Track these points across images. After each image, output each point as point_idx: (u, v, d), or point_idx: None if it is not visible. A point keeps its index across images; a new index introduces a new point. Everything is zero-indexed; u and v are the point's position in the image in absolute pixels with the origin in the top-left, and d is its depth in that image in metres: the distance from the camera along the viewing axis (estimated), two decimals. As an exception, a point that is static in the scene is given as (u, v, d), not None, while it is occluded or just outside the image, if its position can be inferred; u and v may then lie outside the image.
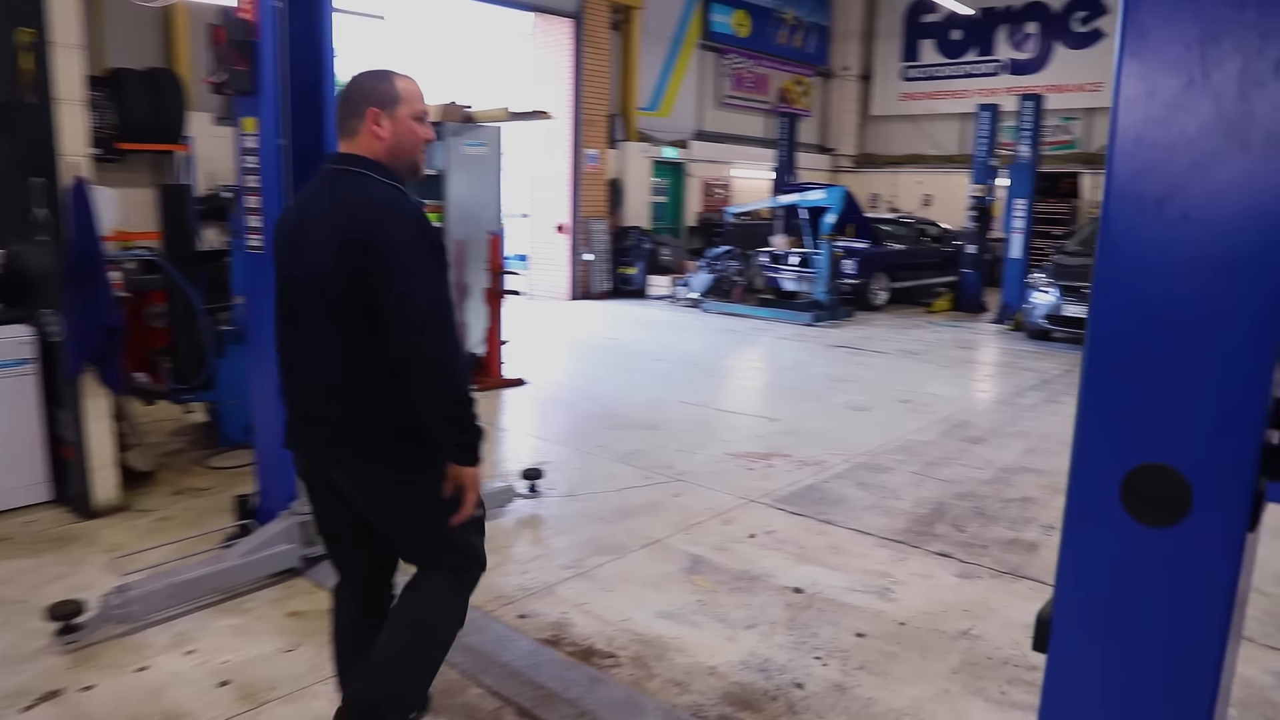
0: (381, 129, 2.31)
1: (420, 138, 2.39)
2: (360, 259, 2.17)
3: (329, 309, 2.26)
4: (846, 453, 6.30)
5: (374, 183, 2.28)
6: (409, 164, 2.39)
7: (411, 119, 2.36)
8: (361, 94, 2.33)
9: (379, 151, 2.32)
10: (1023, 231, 13.38)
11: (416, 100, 2.38)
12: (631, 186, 16.08)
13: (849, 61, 21.43)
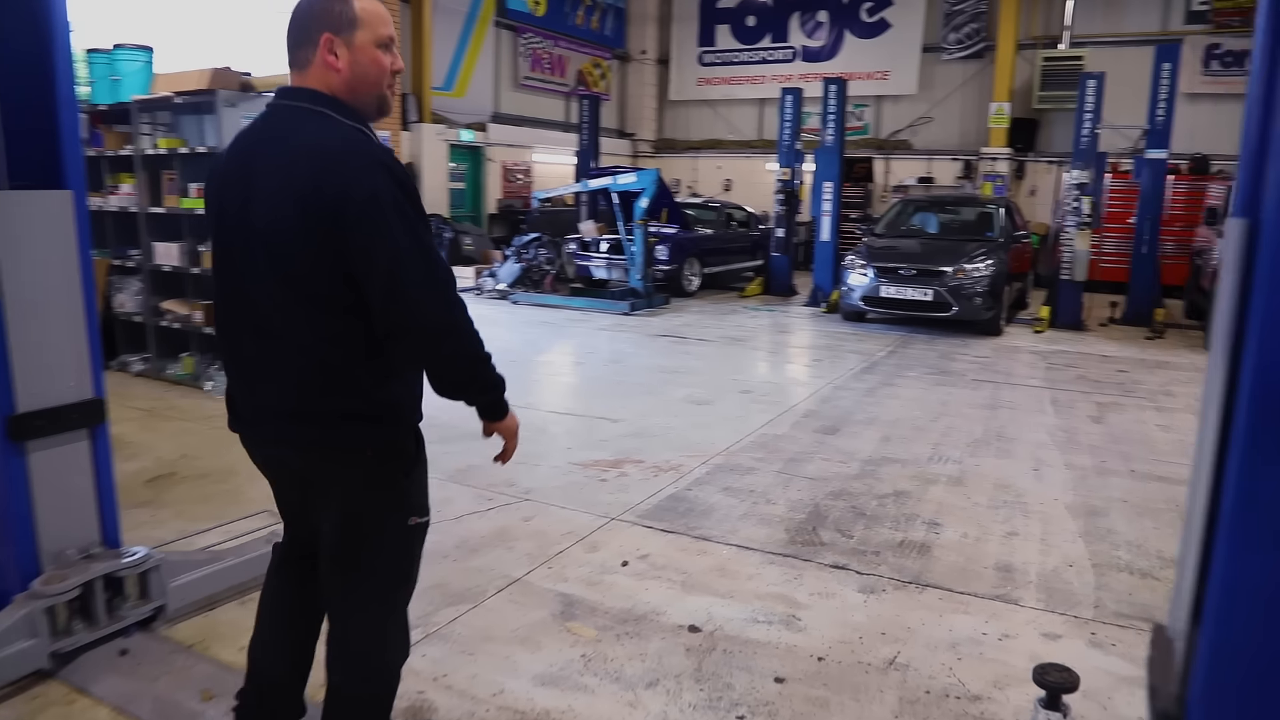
0: (337, 59, 1.97)
1: (385, 68, 2.03)
2: (330, 223, 1.85)
3: (289, 281, 1.93)
4: (701, 453, 5.77)
5: (335, 125, 1.94)
6: (374, 100, 2.04)
7: (375, 46, 2.00)
8: (311, 17, 1.98)
9: (336, 85, 1.98)
10: (831, 215, 13.46)
11: (380, 23, 2.01)
12: (428, 171, 15.02)
13: (646, 45, 21.15)
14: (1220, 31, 16.69)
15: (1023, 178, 18.15)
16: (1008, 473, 5.61)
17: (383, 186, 1.86)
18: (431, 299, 1.91)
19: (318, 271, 1.90)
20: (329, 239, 1.87)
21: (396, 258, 1.86)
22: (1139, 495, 5.26)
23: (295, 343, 1.97)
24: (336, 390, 1.98)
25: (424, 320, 1.91)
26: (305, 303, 1.94)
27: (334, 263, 1.89)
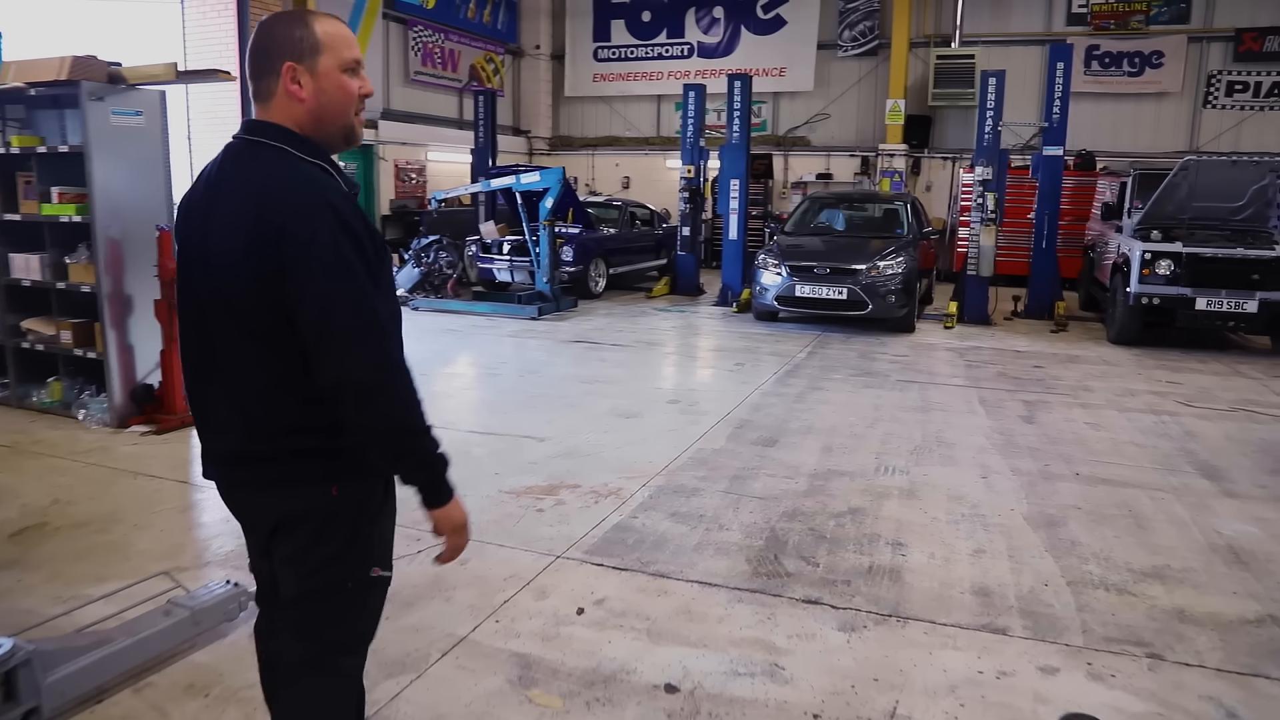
0: (300, 88, 1.85)
1: (352, 94, 1.91)
2: (272, 264, 1.75)
3: (240, 321, 1.84)
4: (640, 474, 5.39)
5: (289, 162, 1.83)
6: (340, 130, 1.92)
7: (339, 71, 1.88)
8: (271, 44, 1.85)
9: (300, 117, 1.86)
10: (739, 213, 13.27)
11: (344, 46, 1.89)
12: (317, 171, 14.15)
13: (540, 40, 20.60)
14: (1098, 33, 17.24)
15: (919, 174, 18.40)
16: (957, 482, 5.41)
17: (322, 227, 1.75)
18: (360, 351, 1.76)
19: (265, 312, 1.79)
20: (272, 280, 1.75)
21: (327, 303, 1.74)
22: (1090, 501, 5.14)
23: (249, 384, 1.87)
24: (291, 431, 1.87)
25: (348, 373, 1.76)
26: (256, 343, 1.84)
27: (279, 304, 1.77)
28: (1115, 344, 10.64)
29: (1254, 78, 16.91)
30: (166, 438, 5.98)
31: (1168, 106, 17.32)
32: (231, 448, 1.94)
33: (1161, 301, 10.11)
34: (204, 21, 12.28)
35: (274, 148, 1.85)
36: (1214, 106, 17.14)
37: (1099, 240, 13.01)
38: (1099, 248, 12.95)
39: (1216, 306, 9.92)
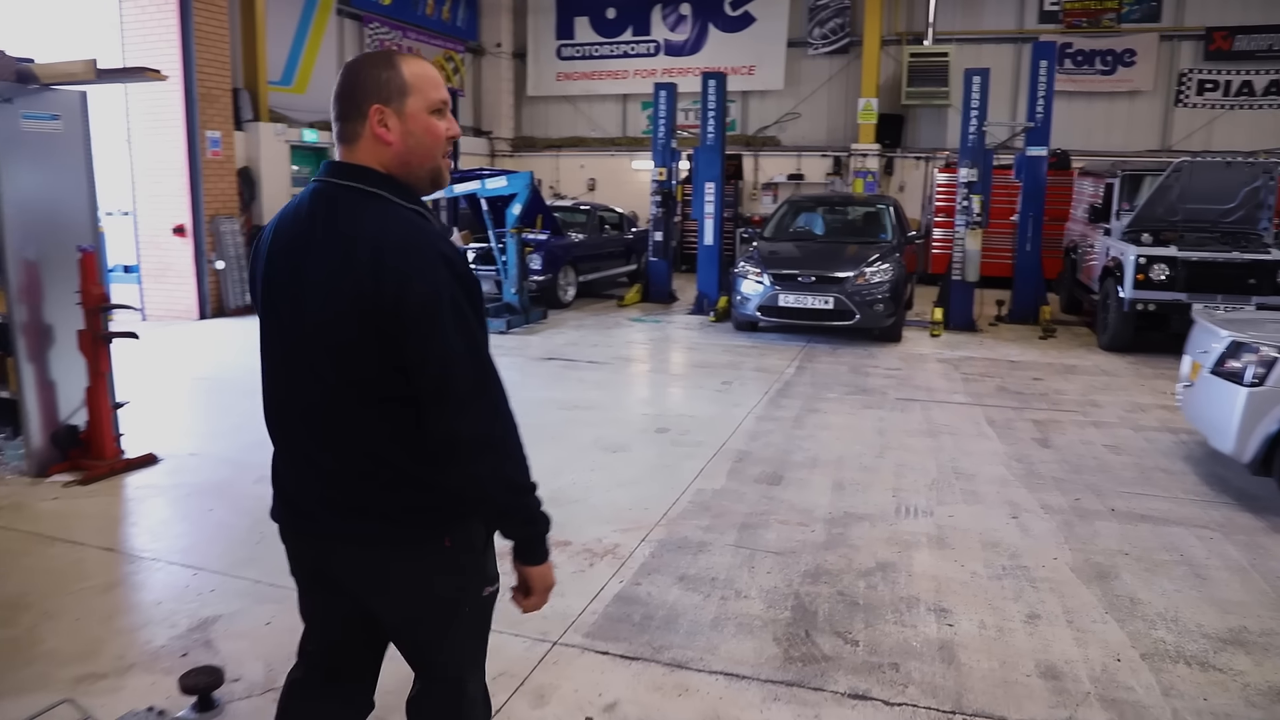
0: (389, 130, 1.80)
1: (440, 136, 1.85)
2: (388, 321, 1.71)
3: (347, 377, 1.79)
4: (637, 525, 4.79)
5: (391, 209, 1.78)
6: (428, 172, 1.86)
7: (427, 113, 1.83)
8: (357, 87, 1.80)
9: (389, 160, 1.82)
10: (714, 217, 12.71)
11: (432, 87, 1.84)
12: (268, 177, 13.38)
13: (501, 38, 19.88)
14: (1071, 31, 16.95)
15: (892, 174, 17.99)
16: (987, 524, 4.89)
17: (443, 284, 1.73)
18: (476, 408, 1.76)
19: (376, 368, 1.77)
20: (385, 337, 1.73)
21: (447, 361, 1.73)
22: (1136, 544, 4.64)
23: (354, 440, 1.83)
24: (399, 485, 1.84)
25: (465, 429, 1.75)
26: (364, 399, 1.81)
27: (392, 358, 1.75)
28: (1108, 351, 10.25)
29: (1224, 76, 16.73)
30: (94, 488, 5.27)
31: (1140, 105, 17.09)
32: (338, 500, 1.88)
33: (1157, 307, 9.75)
34: (143, 17, 11.45)
35: (375, 195, 1.80)
36: (1185, 105, 16.94)
37: (1081, 241, 12.67)
38: (1081, 249, 12.60)
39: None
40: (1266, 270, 9.49)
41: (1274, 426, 5.04)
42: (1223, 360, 5.41)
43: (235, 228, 12.29)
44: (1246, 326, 5.69)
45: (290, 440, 1.94)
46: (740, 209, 18.24)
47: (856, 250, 10.78)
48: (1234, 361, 5.33)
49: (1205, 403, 5.68)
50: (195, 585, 4.05)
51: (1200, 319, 6.12)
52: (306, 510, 1.93)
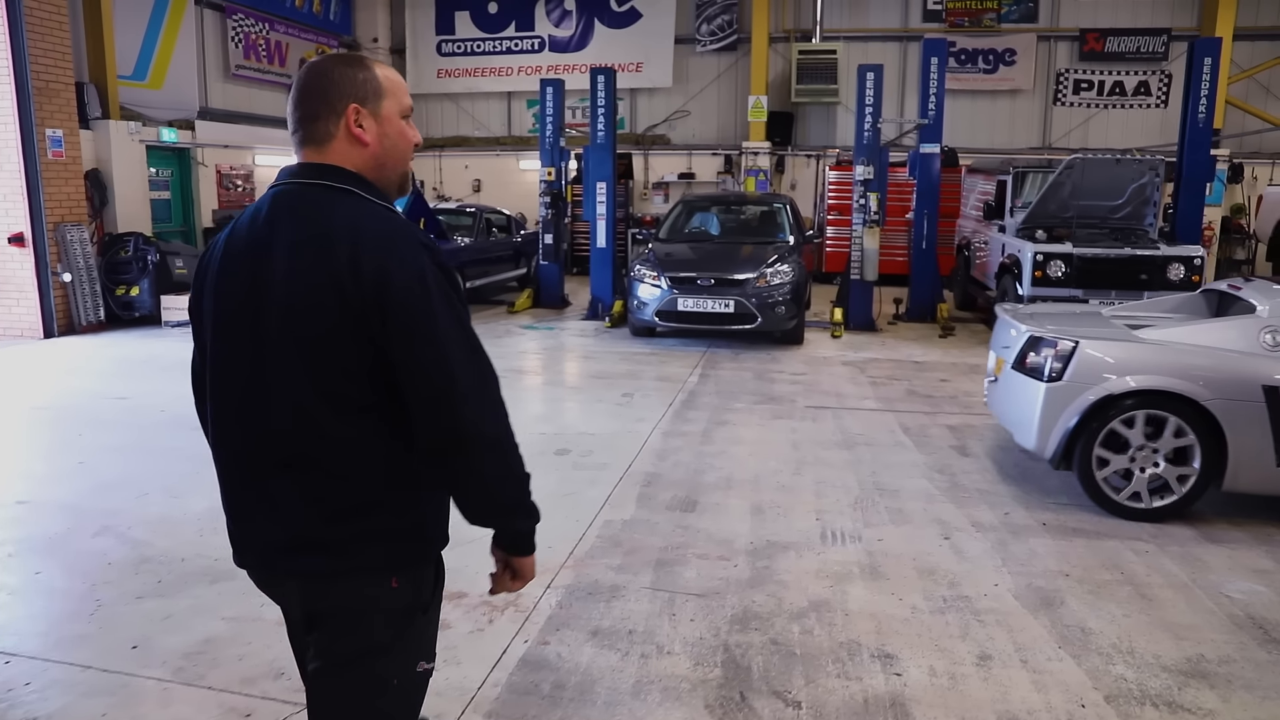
0: (365, 132, 1.77)
1: (410, 141, 1.85)
2: (370, 309, 1.62)
3: (310, 377, 1.67)
4: (541, 567, 4.17)
5: (366, 204, 1.72)
6: (400, 177, 1.85)
7: (400, 117, 1.82)
8: (330, 85, 1.76)
9: (364, 162, 1.77)
10: (607, 218, 12.24)
11: (403, 92, 1.84)
12: (122, 179, 12.23)
13: (378, 32, 18.93)
14: (953, 30, 17.15)
15: (783, 172, 17.87)
16: (920, 547, 4.54)
17: (428, 269, 1.65)
18: (479, 404, 1.68)
19: (346, 367, 1.66)
20: (364, 327, 1.63)
21: (442, 352, 1.64)
22: (1075, 563, 4.37)
23: (308, 453, 1.69)
24: (355, 509, 1.71)
25: (469, 429, 1.66)
26: (341, 411, 1.68)
27: (366, 357, 1.65)
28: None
29: (1098, 76, 17.21)
30: (-112, 552, 4.42)
31: (1021, 103, 17.43)
32: (290, 535, 1.74)
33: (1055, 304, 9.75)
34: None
35: (344, 191, 1.73)
36: (1063, 104, 17.36)
37: (974, 238, 12.71)
38: (974, 246, 12.64)
39: (1108, 308, 9.59)
40: (1157, 266, 9.59)
41: (1073, 421, 4.96)
42: (1023, 355, 5.31)
43: (84, 235, 11.14)
44: (1046, 321, 5.63)
45: (235, 470, 1.80)
46: (632, 209, 17.82)
47: (755, 251, 10.46)
48: (1033, 356, 5.23)
49: (1008, 399, 5.58)
50: (6, 678, 3.33)
51: (1001, 313, 6.02)
52: (260, 550, 1.81)
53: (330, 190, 1.72)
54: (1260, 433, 4.73)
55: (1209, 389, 4.78)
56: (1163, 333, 5.21)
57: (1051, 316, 5.89)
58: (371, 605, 1.76)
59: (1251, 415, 4.73)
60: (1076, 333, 5.19)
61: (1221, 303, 5.87)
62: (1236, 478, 4.82)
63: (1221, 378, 4.79)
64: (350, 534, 1.72)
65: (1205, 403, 4.77)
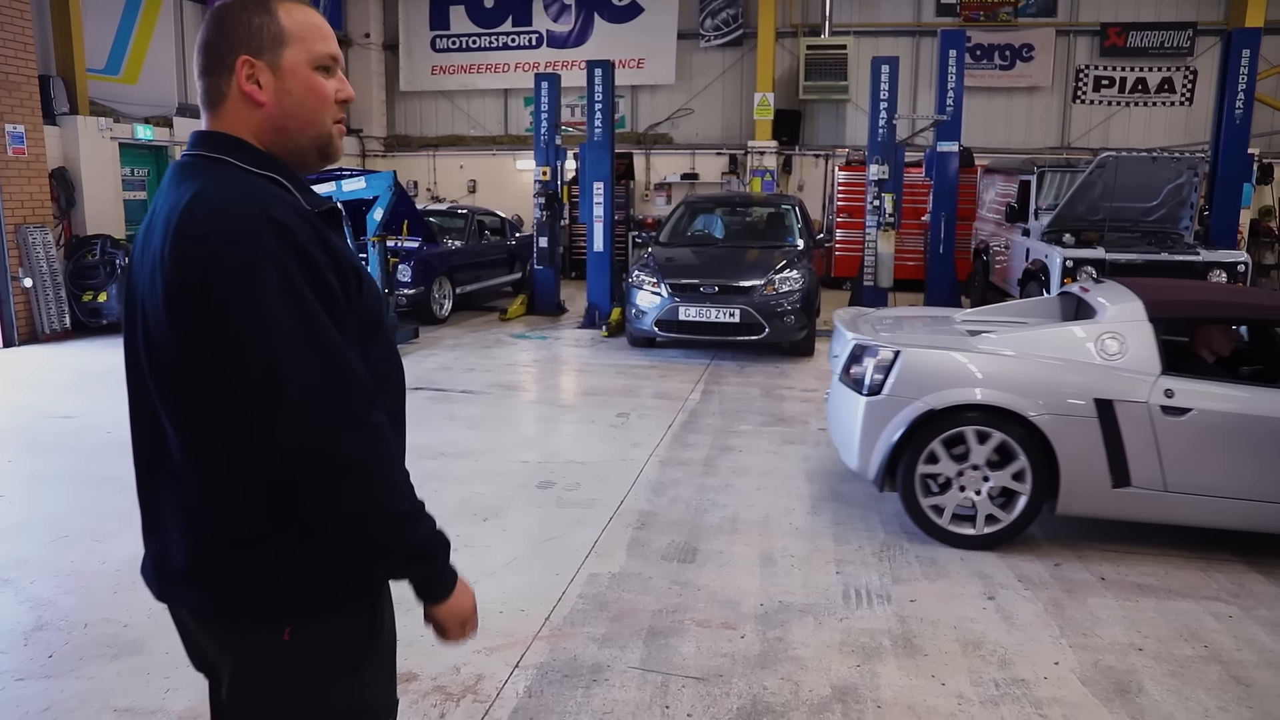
0: (259, 88, 1.46)
1: (327, 97, 1.50)
2: (197, 310, 1.36)
3: (171, 392, 1.45)
4: (510, 639, 3.55)
5: (231, 177, 1.42)
6: (312, 141, 1.51)
7: (310, 67, 1.48)
8: (221, 35, 1.46)
9: (258, 124, 1.47)
10: (604, 221, 11.54)
11: (317, 37, 1.49)
12: (91, 179, 11.55)
13: (370, 28, 18.24)
14: (968, 24, 16.43)
15: (790, 172, 17.16)
16: (960, 611, 3.84)
17: (265, 250, 1.33)
18: (328, 420, 1.35)
19: (193, 378, 1.40)
20: (201, 330, 1.36)
21: (274, 350, 1.33)
22: (1146, 632, 3.66)
23: (190, 471, 1.46)
24: (236, 544, 1.45)
25: (313, 452, 1.34)
26: (192, 421, 1.44)
27: (214, 365, 1.38)
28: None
29: (1119, 73, 16.48)
30: None
31: (1039, 101, 16.70)
32: (171, 558, 1.52)
33: (1084, 314, 9.04)
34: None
35: (213, 161, 1.45)
36: (1083, 101, 16.63)
37: (993, 241, 12.01)
38: (993, 250, 11.94)
39: (1143, 318, 8.88)
40: (1196, 272, 8.90)
41: (894, 438, 4.42)
42: (847, 366, 4.78)
43: (48, 238, 10.48)
44: (881, 327, 5.12)
45: (147, 480, 1.57)
46: (633, 211, 17.11)
47: (762, 256, 9.74)
48: (855, 367, 4.69)
49: (835, 414, 5.04)
50: None
51: (836, 320, 5.46)
52: (152, 567, 1.59)
53: (200, 164, 1.45)
54: (1093, 450, 4.25)
55: (1036, 403, 4.29)
56: (999, 340, 4.67)
57: (890, 322, 5.41)
58: (263, 664, 1.49)
59: (1083, 431, 4.25)
60: (902, 340, 4.66)
61: (1080, 307, 5.25)
62: (1072, 500, 4.35)
63: (1050, 390, 4.32)
64: (232, 570, 1.46)
65: (1033, 418, 4.28)
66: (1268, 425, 4.19)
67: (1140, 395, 4.23)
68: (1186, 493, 4.26)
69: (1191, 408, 4.19)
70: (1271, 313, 4.93)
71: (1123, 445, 4.24)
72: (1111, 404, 4.23)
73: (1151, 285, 4.99)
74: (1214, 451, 4.23)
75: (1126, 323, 4.44)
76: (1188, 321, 4.92)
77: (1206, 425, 4.19)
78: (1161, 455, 4.22)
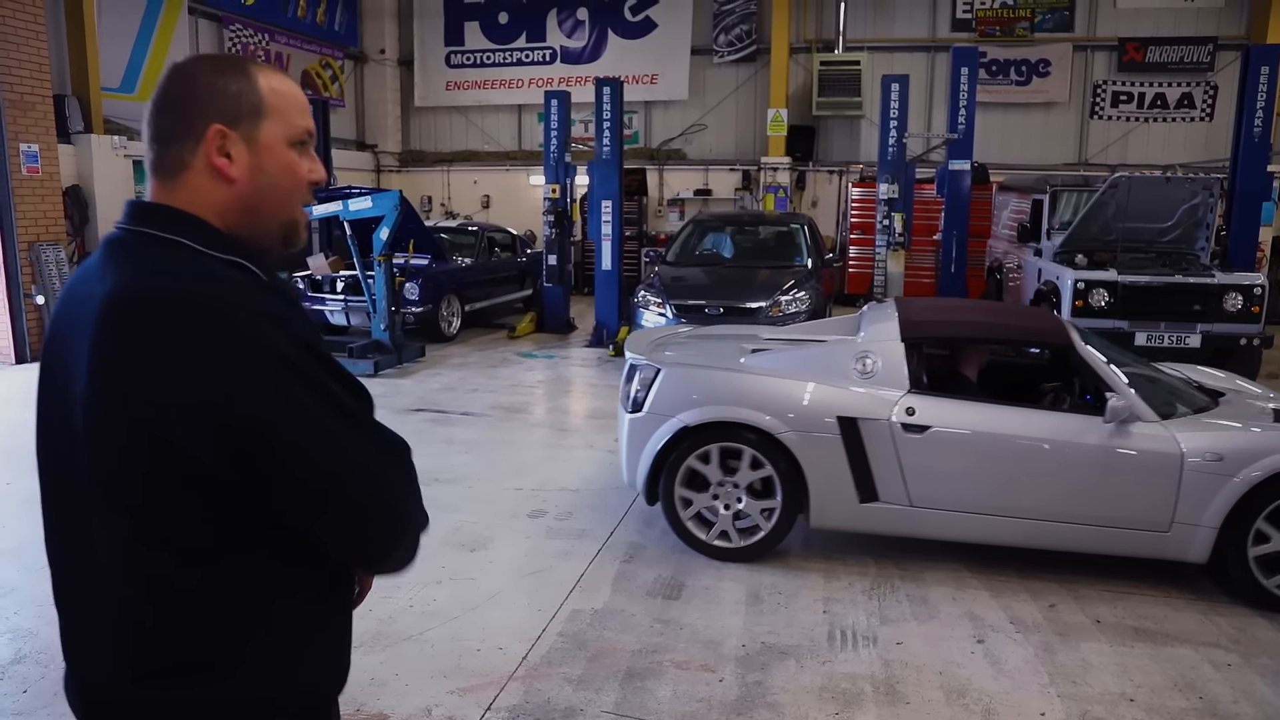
0: (231, 162, 1.31)
1: (301, 178, 1.37)
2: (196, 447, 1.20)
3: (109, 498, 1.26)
4: (486, 679, 3.49)
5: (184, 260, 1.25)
6: (281, 227, 1.38)
7: (286, 145, 1.35)
8: (192, 97, 1.30)
9: (224, 203, 1.31)
10: (613, 239, 11.49)
11: (297, 112, 1.36)
12: (104, 196, 11.65)
13: (385, 44, 18.36)
14: (984, 40, 16.32)
15: (804, 188, 17.07)
16: (947, 654, 3.74)
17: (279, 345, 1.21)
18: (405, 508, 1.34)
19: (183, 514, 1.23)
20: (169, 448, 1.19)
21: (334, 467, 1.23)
22: (1140, 681, 3.55)
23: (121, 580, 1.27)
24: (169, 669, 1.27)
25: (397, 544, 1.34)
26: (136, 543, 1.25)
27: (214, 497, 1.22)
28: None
29: (1138, 88, 16.30)
30: None
31: (1056, 117, 16.53)
32: (98, 681, 1.33)
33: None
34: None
35: (165, 240, 1.26)
36: (1100, 117, 16.44)
37: (1006, 260, 11.87)
38: (1006, 269, 11.80)
39: (1157, 342, 8.74)
40: (1212, 295, 8.72)
41: (653, 455, 4.58)
42: (624, 383, 4.95)
43: (61, 255, 10.56)
44: (671, 345, 5.33)
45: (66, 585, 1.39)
46: (645, 227, 17.07)
47: (770, 276, 9.68)
48: (626, 385, 4.86)
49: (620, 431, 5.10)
50: None
51: (627, 343, 5.57)
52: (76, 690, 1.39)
53: (148, 243, 1.27)
54: (839, 466, 4.41)
55: (783, 420, 4.45)
56: (770, 359, 4.88)
57: (683, 340, 5.64)
58: None
59: (828, 448, 4.41)
60: (671, 359, 4.83)
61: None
62: (823, 514, 4.53)
63: (795, 408, 4.48)
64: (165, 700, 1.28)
65: (779, 435, 4.44)
66: (1000, 442, 4.31)
67: (883, 413, 4.37)
68: (930, 508, 4.39)
69: (930, 425, 4.32)
70: (1019, 333, 5.06)
71: (868, 462, 4.38)
72: (856, 421, 4.37)
73: (916, 305, 5.26)
74: (952, 468, 4.36)
75: (880, 342, 4.61)
76: (942, 341, 5.07)
77: (944, 442, 4.33)
78: (904, 471, 4.36)
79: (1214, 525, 4.12)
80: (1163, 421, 4.25)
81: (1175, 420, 4.31)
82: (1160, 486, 4.16)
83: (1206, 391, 4.92)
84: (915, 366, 4.49)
